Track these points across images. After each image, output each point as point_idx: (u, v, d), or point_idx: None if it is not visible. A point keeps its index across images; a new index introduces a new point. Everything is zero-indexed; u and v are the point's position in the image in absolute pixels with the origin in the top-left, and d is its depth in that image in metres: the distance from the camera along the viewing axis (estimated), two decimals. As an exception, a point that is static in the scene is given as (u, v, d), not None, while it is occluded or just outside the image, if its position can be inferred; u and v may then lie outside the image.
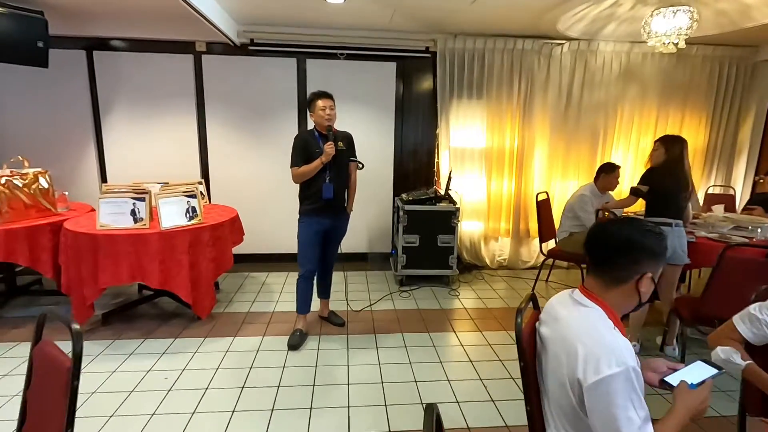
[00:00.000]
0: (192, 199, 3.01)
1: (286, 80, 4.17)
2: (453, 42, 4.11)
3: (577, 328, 1.08)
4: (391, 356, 2.71)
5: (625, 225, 1.13)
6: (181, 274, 2.83)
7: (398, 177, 4.48)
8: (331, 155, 2.64)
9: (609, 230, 1.14)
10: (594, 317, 1.08)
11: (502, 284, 4.13)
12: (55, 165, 3.99)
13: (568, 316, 1.13)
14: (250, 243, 4.21)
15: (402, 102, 4.35)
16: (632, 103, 4.38)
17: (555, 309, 1.19)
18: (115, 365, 2.53)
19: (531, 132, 4.32)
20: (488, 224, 4.49)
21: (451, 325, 3.19)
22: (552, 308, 1.21)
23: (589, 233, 1.19)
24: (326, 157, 2.63)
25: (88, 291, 2.73)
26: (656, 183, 2.65)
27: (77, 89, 3.95)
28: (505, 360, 2.70)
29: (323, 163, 2.65)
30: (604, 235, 1.14)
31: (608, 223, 1.18)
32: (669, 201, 2.62)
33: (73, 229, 2.76)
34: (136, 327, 3.03)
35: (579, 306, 1.13)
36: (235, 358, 2.66)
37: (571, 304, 1.15)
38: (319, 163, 2.65)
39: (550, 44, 4.18)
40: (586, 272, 1.20)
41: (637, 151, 4.51)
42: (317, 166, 2.66)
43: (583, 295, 1.14)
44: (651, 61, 4.30)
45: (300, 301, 2.87)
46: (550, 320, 1.19)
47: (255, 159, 4.27)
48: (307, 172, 2.68)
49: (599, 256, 1.14)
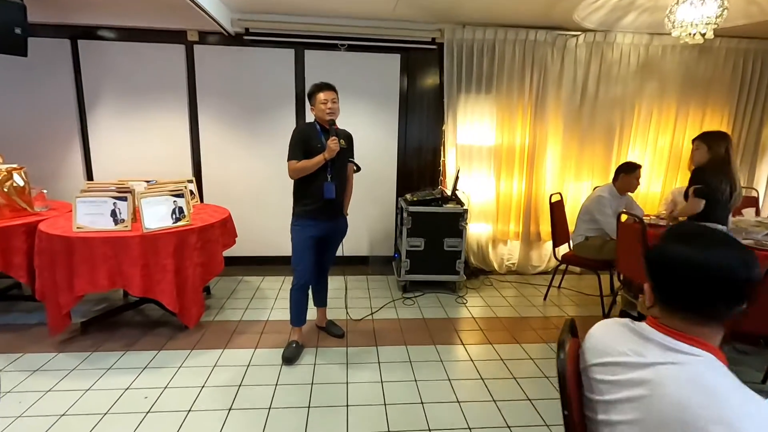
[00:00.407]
0: (179, 198, 2.77)
1: (283, 72, 3.92)
2: (461, 32, 3.86)
3: (700, 403, 0.75)
4: (395, 372, 2.47)
5: (715, 248, 0.84)
6: (166, 280, 2.59)
7: (402, 176, 4.24)
8: (335, 151, 2.40)
9: (699, 260, 0.84)
10: (712, 377, 0.79)
11: (511, 291, 3.89)
12: (38, 161, 3.75)
13: (671, 377, 0.81)
14: (244, 245, 3.98)
15: (406, 96, 4.11)
16: (650, 99, 4.12)
17: (626, 355, 0.90)
18: (90, 382, 2.29)
19: (543, 129, 4.07)
20: (497, 226, 4.24)
21: (459, 337, 2.95)
22: (619, 352, 0.91)
23: (664, 260, 0.89)
24: (330, 153, 2.39)
25: (63, 298, 2.49)
26: (706, 184, 2.41)
27: (61, 81, 3.71)
28: (519, 378, 2.45)
29: (326, 159, 2.41)
30: (691, 265, 0.84)
31: (694, 245, 0.86)
32: (717, 204, 2.38)
33: (48, 231, 2.52)
34: (117, 337, 2.79)
35: (677, 354, 0.84)
36: (224, 374, 2.41)
37: (659, 351, 0.86)
38: (322, 159, 2.40)
39: (564, 36, 3.93)
40: (659, 306, 0.92)
41: (655, 151, 4.26)
42: (319, 162, 2.41)
43: (676, 339, 0.86)
44: (671, 54, 4.05)
45: (294, 312, 2.63)
46: (625, 369, 0.89)
47: (250, 156, 4.02)
48: (308, 167, 2.44)
49: (689, 295, 0.86)
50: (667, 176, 4.32)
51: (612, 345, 0.94)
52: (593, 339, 0.99)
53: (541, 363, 2.62)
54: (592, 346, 0.98)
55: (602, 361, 0.94)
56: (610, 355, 0.93)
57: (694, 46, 4.01)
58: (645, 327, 0.91)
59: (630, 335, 0.92)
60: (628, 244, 2.87)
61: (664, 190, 4.32)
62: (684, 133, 4.22)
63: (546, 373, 2.50)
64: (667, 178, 4.32)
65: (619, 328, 0.95)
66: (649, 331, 0.90)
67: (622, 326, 0.96)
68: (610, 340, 0.95)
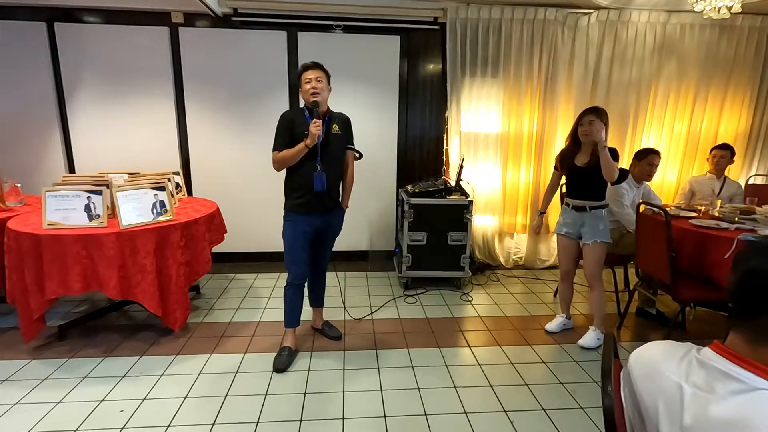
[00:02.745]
0: (160, 192, 2.54)
1: (275, 56, 3.67)
2: (465, 11, 3.60)
3: None
4: (396, 379, 2.26)
5: None
6: (146, 281, 2.37)
7: (402, 166, 4.00)
8: (316, 136, 2.15)
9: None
10: None
11: (519, 286, 3.67)
12: (14, 153, 3.55)
13: (760, 416, 0.64)
14: (236, 240, 3.78)
15: (407, 81, 3.85)
16: (668, 82, 3.86)
17: (696, 390, 0.71)
18: (62, 393, 2.09)
19: (553, 115, 3.82)
20: (503, 219, 4.01)
21: (465, 338, 2.74)
22: (682, 386, 0.72)
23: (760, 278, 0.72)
24: (311, 139, 2.15)
25: (34, 302, 2.28)
26: None
27: (37, 67, 3.47)
28: (532, 384, 2.24)
29: (308, 147, 2.17)
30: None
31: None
32: None
33: (16, 229, 2.31)
34: (97, 342, 2.59)
35: (755, 393, 0.65)
36: (209, 382, 2.21)
37: (736, 385, 0.67)
38: (303, 147, 2.17)
39: (575, 14, 3.67)
40: (731, 328, 0.73)
41: (671, 137, 4.00)
42: (300, 150, 2.18)
43: (749, 371, 0.66)
44: (690, 33, 3.78)
45: (288, 313, 2.42)
46: (696, 406, 0.70)
47: (241, 146, 3.79)
48: (288, 157, 2.21)
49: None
50: (684, 164, 4.07)
51: (673, 378, 0.72)
52: (647, 367, 0.77)
53: (555, 367, 2.41)
54: (646, 375, 0.76)
55: (663, 397, 0.72)
56: (672, 390, 0.71)
57: (715, 25, 3.75)
58: (713, 355, 0.70)
59: (696, 365, 0.71)
60: (649, 237, 2.65)
61: (680, 179, 4.08)
62: (702, 117, 3.97)
63: (561, 379, 2.29)
64: (683, 166, 4.07)
65: (680, 356, 0.73)
66: (720, 361, 0.68)
67: (684, 352, 0.74)
68: (669, 369, 0.73)
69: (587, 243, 2.60)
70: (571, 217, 2.68)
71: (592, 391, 2.19)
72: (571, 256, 2.75)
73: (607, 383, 0.74)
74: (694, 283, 2.51)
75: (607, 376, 0.75)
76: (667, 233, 2.41)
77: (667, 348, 0.79)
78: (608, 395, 0.73)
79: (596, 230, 2.58)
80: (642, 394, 0.77)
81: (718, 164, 3.34)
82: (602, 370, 0.77)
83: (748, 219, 2.67)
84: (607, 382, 0.74)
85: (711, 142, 3.89)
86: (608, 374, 0.75)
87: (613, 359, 0.81)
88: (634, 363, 0.81)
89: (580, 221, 2.64)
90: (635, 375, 0.79)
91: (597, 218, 2.59)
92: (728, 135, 4.01)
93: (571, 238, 2.70)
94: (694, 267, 2.56)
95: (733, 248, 2.32)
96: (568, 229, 2.70)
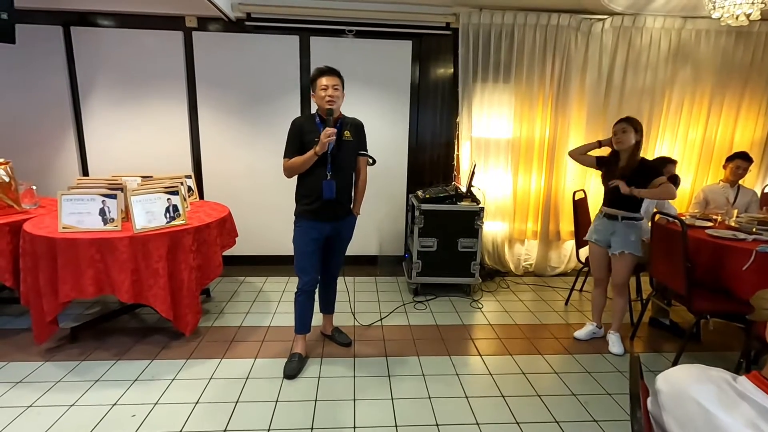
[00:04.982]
0: (173, 196, 2.56)
1: (287, 61, 3.68)
2: (477, 16, 3.59)
3: None
4: (407, 388, 2.25)
5: None
6: (158, 285, 2.39)
7: (413, 171, 3.99)
8: (327, 144, 2.15)
9: None
10: None
11: (529, 294, 3.64)
12: (30, 155, 3.59)
13: None
14: (247, 244, 3.79)
15: (418, 86, 3.85)
16: (682, 89, 3.82)
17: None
18: (75, 396, 2.11)
19: (565, 121, 3.79)
20: (513, 225, 3.99)
21: (476, 347, 2.71)
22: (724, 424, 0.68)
23: None
24: (321, 147, 2.14)
25: (47, 305, 2.30)
26: None
27: (53, 70, 3.51)
28: (544, 395, 2.22)
29: (317, 154, 2.16)
30: None
31: None
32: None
33: (31, 231, 2.33)
34: (109, 344, 2.60)
35: None
36: (220, 387, 2.21)
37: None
38: (312, 155, 2.16)
39: (589, 20, 3.64)
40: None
41: (686, 144, 3.96)
42: (310, 158, 2.17)
43: None
44: (706, 39, 3.73)
45: (298, 319, 2.42)
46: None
47: (252, 150, 3.81)
48: (298, 165, 2.21)
49: None
50: (698, 172, 4.02)
51: (705, 404, 0.70)
52: (675, 392, 0.75)
53: (567, 378, 2.38)
54: (675, 399, 0.74)
55: (693, 424, 0.70)
56: (701, 416, 0.69)
57: (731, 31, 3.70)
58: (752, 388, 0.67)
59: (734, 396, 0.68)
60: (664, 246, 2.61)
61: (694, 188, 4.02)
62: (718, 125, 3.92)
63: (573, 390, 2.27)
64: (698, 174, 4.02)
65: (713, 382, 0.71)
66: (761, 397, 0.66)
67: (717, 379, 0.72)
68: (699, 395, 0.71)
69: (614, 253, 2.59)
70: (602, 225, 2.68)
71: (606, 403, 2.16)
72: (601, 263, 2.75)
73: (636, 408, 0.72)
74: (709, 294, 2.47)
75: (636, 401, 0.73)
76: (683, 244, 2.37)
77: (696, 372, 0.77)
78: (638, 421, 0.71)
79: (626, 241, 2.56)
80: (669, 419, 0.75)
81: (738, 174, 3.28)
82: (630, 394, 0.75)
83: (766, 230, 2.62)
84: (635, 407, 0.72)
85: (726, 150, 3.84)
86: (637, 399, 0.74)
87: (640, 382, 0.79)
88: (661, 386, 0.79)
89: (610, 230, 2.63)
90: (663, 400, 0.77)
91: (629, 229, 2.57)
92: (744, 143, 3.95)
93: (600, 245, 2.70)
94: (710, 278, 2.52)
95: (752, 260, 2.28)
96: (598, 236, 2.70)
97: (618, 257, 2.59)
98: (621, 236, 2.57)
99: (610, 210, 2.63)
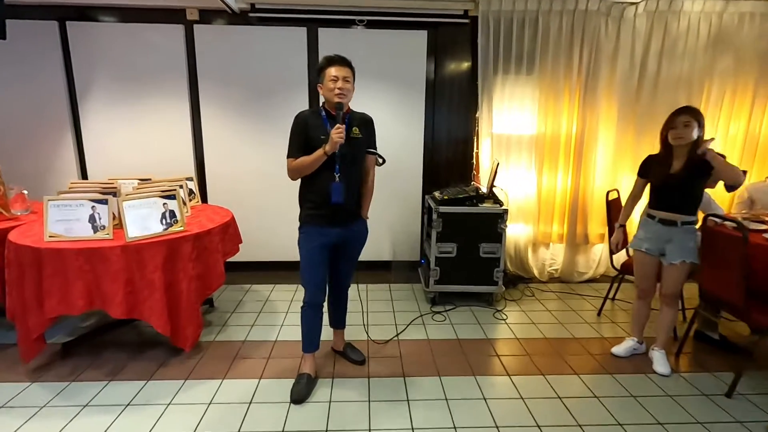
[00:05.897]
0: (170, 200, 2.34)
1: (294, 54, 3.45)
2: (498, 3, 3.32)
3: None
4: (428, 415, 2.00)
5: None
6: (153, 298, 2.17)
7: (428, 170, 3.74)
8: (338, 143, 1.91)
9: None
10: None
11: (556, 303, 3.36)
12: (25, 157, 3.42)
13: None
14: (253, 249, 3.58)
15: (434, 79, 3.59)
16: (723, 78, 3.50)
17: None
18: (62, 423, 1.90)
19: (594, 115, 3.49)
20: (538, 228, 3.71)
21: (503, 365, 2.45)
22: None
23: None
24: (331, 146, 1.90)
25: (33, 321, 2.10)
26: None
27: (49, 67, 3.33)
28: (586, 425, 1.95)
29: (327, 154, 1.92)
30: None
31: None
32: None
33: (16, 241, 2.13)
34: (102, 361, 2.40)
35: None
36: (220, 414, 1.99)
37: None
38: (321, 155, 1.92)
39: (620, 4, 3.35)
40: None
41: (726, 139, 3.63)
42: (318, 158, 1.94)
43: None
44: (750, 23, 3.41)
45: (306, 336, 2.18)
46: None
47: (257, 149, 3.59)
48: (305, 166, 1.98)
49: None
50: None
51: None
52: None
53: (610, 403, 2.11)
54: None
55: None
56: None
57: (777, 14, 3.37)
58: None
59: None
60: (715, 253, 2.32)
61: (736, 185, 3.69)
62: (762, 118, 3.59)
63: (618, 419, 1.99)
64: (739, 170, 3.69)
65: None
66: None
67: None
68: None
69: (673, 263, 2.29)
70: (654, 232, 2.37)
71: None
72: (651, 274, 2.46)
73: None
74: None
75: None
76: (742, 251, 2.09)
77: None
78: None
79: (685, 248, 2.28)
80: None
81: None
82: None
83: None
84: None
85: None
86: None
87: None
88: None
89: (666, 237, 2.33)
90: None
91: (688, 235, 2.29)
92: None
93: (652, 254, 2.39)
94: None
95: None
96: (649, 245, 2.39)
97: (676, 266, 2.30)
98: (679, 244, 2.28)
99: (667, 215, 2.32)
